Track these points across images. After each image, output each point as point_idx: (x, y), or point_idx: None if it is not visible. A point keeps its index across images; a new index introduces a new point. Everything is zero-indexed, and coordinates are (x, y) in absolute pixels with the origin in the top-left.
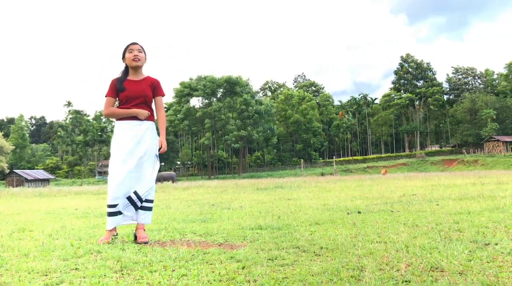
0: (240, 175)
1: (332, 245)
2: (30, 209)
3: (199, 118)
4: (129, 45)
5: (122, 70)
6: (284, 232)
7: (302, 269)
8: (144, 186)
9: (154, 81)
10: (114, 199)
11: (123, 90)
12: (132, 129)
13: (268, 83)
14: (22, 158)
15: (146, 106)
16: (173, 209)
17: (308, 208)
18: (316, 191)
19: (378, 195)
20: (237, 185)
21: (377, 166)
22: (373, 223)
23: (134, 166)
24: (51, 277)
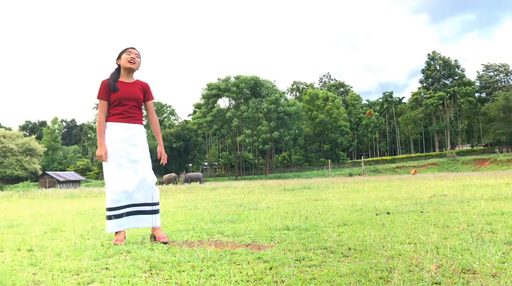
0: (267, 176)
1: (361, 246)
2: (62, 209)
3: (227, 120)
4: (128, 48)
5: (113, 71)
6: (312, 233)
7: (330, 270)
8: (145, 189)
9: (145, 85)
10: (113, 202)
11: (116, 90)
12: (124, 131)
13: (296, 83)
14: (54, 160)
15: (138, 109)
16: (201, 210)
17: (336, 208)
18: (344, 192)
19: (407, 196)
20: (264, 185)
21: (406, 166)
22: (402, 224)
23: (130, 169)
24: (83, 276)
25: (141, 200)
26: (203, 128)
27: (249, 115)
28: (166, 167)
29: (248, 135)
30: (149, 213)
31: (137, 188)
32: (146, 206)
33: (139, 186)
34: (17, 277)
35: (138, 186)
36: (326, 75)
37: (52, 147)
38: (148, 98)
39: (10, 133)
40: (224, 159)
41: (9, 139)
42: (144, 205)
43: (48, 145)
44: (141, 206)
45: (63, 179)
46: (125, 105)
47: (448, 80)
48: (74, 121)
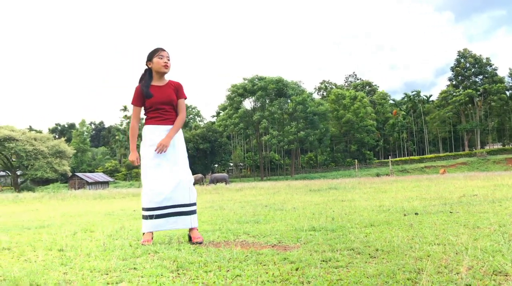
0: (292, 176)
1: (388, 247)
2: (91, 210)
3: (254, 121)
4: (159, 51)
5: (144, 74)
6: (338, 233)
7: (357, 271)
8: (182, 189)
9: (177, 84)
10: (150, 202)
11: (150, 97)
12: (162, 134)
13: (324, 82)
14: (83, 161)
15: (173, 110)
16: (226, 210)
17: (363, 209)
18: (371, 192)
19: (436, 196)
20: (289, 186)
21: (435, 165)
22: (431, 225)
23: (168, 170)
24: (111, 276)
25: (178, 201)
26: (229, 129)
27: (277, 117)
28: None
29: (274, 136)
30: (186, 214)
31: (174, 189)
32: (183, 207)
33: (176, 186)
34: (49, 276)
35: (175, 186)
36: (352, 74)
37: (81, 149)
38: (180, 97)
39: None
40: (250, 159)
41: (39, 142)
42: (181, 206)
43: (77, 147)
44: (178, 207)
45: (92, 180)
46: (160, 109)
47: (479, 77)
48: (103, 124)
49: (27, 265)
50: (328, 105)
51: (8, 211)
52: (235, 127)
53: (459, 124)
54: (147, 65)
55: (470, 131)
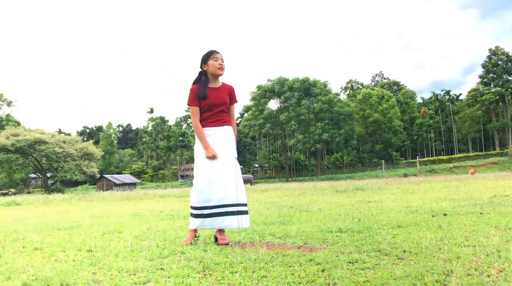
0: (318, 177)
1: (416, 248)
2: (119, 211)
3: (280, 122)
4: (214, 53)
5: (199, 77)
6: (365, 235)
7: (384, 272)
8: (231, 189)
9: (230, 88)
10: (198, 201)
11: (206, 98)
12: (215, 135)
13: (351, 81)
14: (111, 163)
15: (226, 113)
16: (252, 211)
17: (390, 210)
18: (399, 193)
19: (465, 196)
20: (315, 187)
21: (464, 165)
22: (460, 226)
23: (218, 171)
24: (139, 276)
25: (226, 201)
26: (254, 130)
27: (304, 118)
28: None
29: (299, 140)
30: (235, 213)
31: (222, 189)
32: (231, 207)
33: (224, 186)
34: (78, 276)
35: (224, 186)
36: (379, 73)
37: (108, 151)
38: (232, 102)
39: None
40: (275, 160)
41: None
42: (229, 206)
43: (105, 149)
44: (226, 207)
45: (119, 182)
46: (213, 111)
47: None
48: (130, 126)
49: (57, 265)
50: (355, 105)
51: (39, 212)
52: (260, 128)
53: (489, 123)
54: (202, 67)
55: (501, 130)
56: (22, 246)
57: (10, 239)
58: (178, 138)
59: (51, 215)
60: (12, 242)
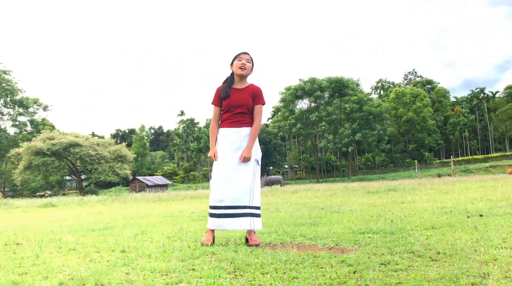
0: (349, 178)
1: (451, 250)
2: (151, 212)
3: (310, 122)
4: (240, 54)
5: (228, 77)
6: (398, 236)
7: (417, 274)
8: (245, 191)
9: (256, 89)
10: (214, 201)
11: (227, 97)
12: (232, 135)
13: (381, 81)
14: (143, 165)
15: (246, 115)
16: (282, 212)
17: (424, 211)
18: (432, 193)
19: (503, 197)
20: (346, 188)
21: (501, 165)
22: (497, 227)
23: (233, 171)
24: (171, 276)
25: (239, 202)
26: (284, 131)
27: (335, 118)
28: None
29: (329, 141)
30: (247, 215)
31: (236, 190)
32: (245, 209)
33: (238, 188)
34: (112, 276)
35: (237, 188)
36: (412, 71)
37: (141, 153)
38: (257, 103)
39: (103, 141)
40: (305, 161)
41: (102, 147)
42: (242, 207)
43: (137, 151)
44: (240, 208)
45: (151, 183)
46: (232, 112)
47: None
48: (161, 128)
49: (92, 265)
50: (387, 104)
51: (74, 213)
52: (290, 128)
53: None
54: (231, 69)
55: None
56: (58, 247)
57: (47, 239)
58: (208, 140)
59: (85, 216)
60: (49, 243)
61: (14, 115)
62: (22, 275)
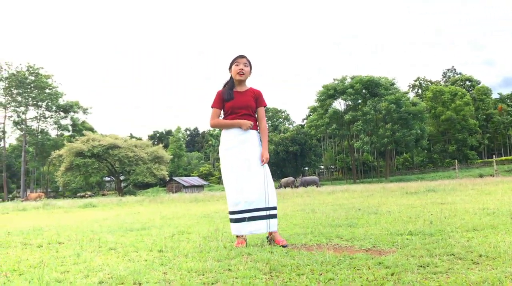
0: (387, 178)
1: (493, 252)
2: (188, 213)
3: (346, 122)
4: (237, 58)
5: (227, 80)
6: (437, 238)
7: (458, 277)
8: (259, 193)
9: (257, 92)
10: (233, 205)
11: (230, 99)
12: (238, 138)
13: (419, 79)
14: (180, 166)
15: (250, 116)
16: (318, 213)
17: (464, 212)
18: (474, 194)
19: None
20: (384, 188)
21: None
22: None
23: (243, 174)
24: (207, 276)
25: (255, 205)
26: (320, 130)
27: (370, 117)
28: (283, 171)
29: (365, 142)
30: (263, 218)
31: (250, 192)
32: (261, 211)
33: (252, 190)
34: (150, 276)
35: (252, 190)
36: (451, 69)
37: (177, 154)
38: (259, 105)
39: (140, 143)
40: (341, 161)
41: (140, 149)
42: (258, 210)
43: (174, 153)
44: (256, 211)
45: (188, 184)
46: (236, 114)
47: None
48: (197, 130)
49: (130, 265)
50: (425, 103)
51: (113, 213)
52: (326, 128)
53: None
54: (229, 72)
55: None
56: (98, 246)
57: (87, 239)
58: None
59: (124, 216)
60: (89, 242)
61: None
62: (64, 273)
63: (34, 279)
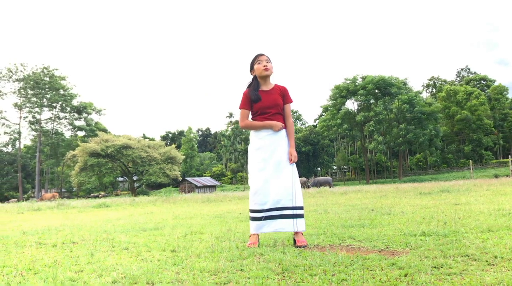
0: (400, 179)
1: (509, 254)
2: (200, 213)
3: (358, 122)
4: (257, 57)
5: (250, 82)
6: (451, 239)
7: (472, 279)
8: (286, 192)
9: (283, 89)
10: (254, 204)
11: (258, 100)
12: (267, 138)
13: (433, 78)
14: (192, 166)
15: (279, 115)
16: (331, 214)
17: (479, 213)
18: (489, 195)
19: None
20: (397, 189)
21: None
22: None
23: (272, 173)
24: (220, 276)
25: (282, 204)
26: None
27: (383, 117)
28: None
29: (379, 142)
30: (290, 217)
31: (278, 192)
32: (287, 210)
33: (279, 189)
34: (163, 275)
35: (279, 189)
36: (465, 68)
37: (190, 155)
38: (286, 102)
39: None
40: (354, 162)
41: (153, 149)
42: (285, 208)
43: (186, 153)
44: (282, 210)
45: (200, 184)
46: (266, 114)
47: None
48: (209, 130)
49: (143, 264)
50: (439, 103)
51: (126, 213)
52: (338, 128)
53: None
54: (252, 74)
55: None
56: (111, 246)
57: (101, 239)
58: None
59: (137, 216)
60: (103, 242)
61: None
62: (78, 273)
63: (49, 278)
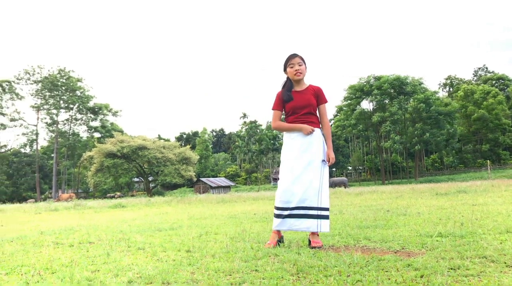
0: (416, 179)
1: None
2: (215, 213)
3: (373, 123)
4: (290, 59)
5: (285, 81)
6: (468, 240)
7: (490, 281)
8: (313, 192)
9: (317, 89)
10: (281, 202)
11: (290, 100)
12: (298, 138)
13: (450, 78)
14: (207, 167)
15: (312, 115)
16: (346, 214)
17: (497, 214)
18: (507, 196)
19: None
20: (413, 189)
21: None
22: None
23: (301, 173)
24: (235, 277)
25: (307, 203)
26: (346, 130)
27: (398, 117)
28: None
29: (395, 142)
30: (314, 217)
31: (304, 191)
32: (312, 210)
33: (306, 188)
34: (178, 276)
35: (305, 188)
36: (482, 67)
37: (204, 155)
38: (321, 102)
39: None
40: (370, 162)
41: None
42: (310, 208)
43: (200, 154)
44: (307, 210)
45: (215, 185)
46: (297, 114)
47: None
48: (223, 131)
49: (159, 264)
50: (456, 103)
51: (142, 214)
52: (353, 129)
53: None
54: (285, 74)
55: None
56: (127, 246)
57: (117, 239)
58: (270, 142)
59: (153, 216)
60: (118, 242)
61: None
62: (95, 272)
63: (66, 277)
